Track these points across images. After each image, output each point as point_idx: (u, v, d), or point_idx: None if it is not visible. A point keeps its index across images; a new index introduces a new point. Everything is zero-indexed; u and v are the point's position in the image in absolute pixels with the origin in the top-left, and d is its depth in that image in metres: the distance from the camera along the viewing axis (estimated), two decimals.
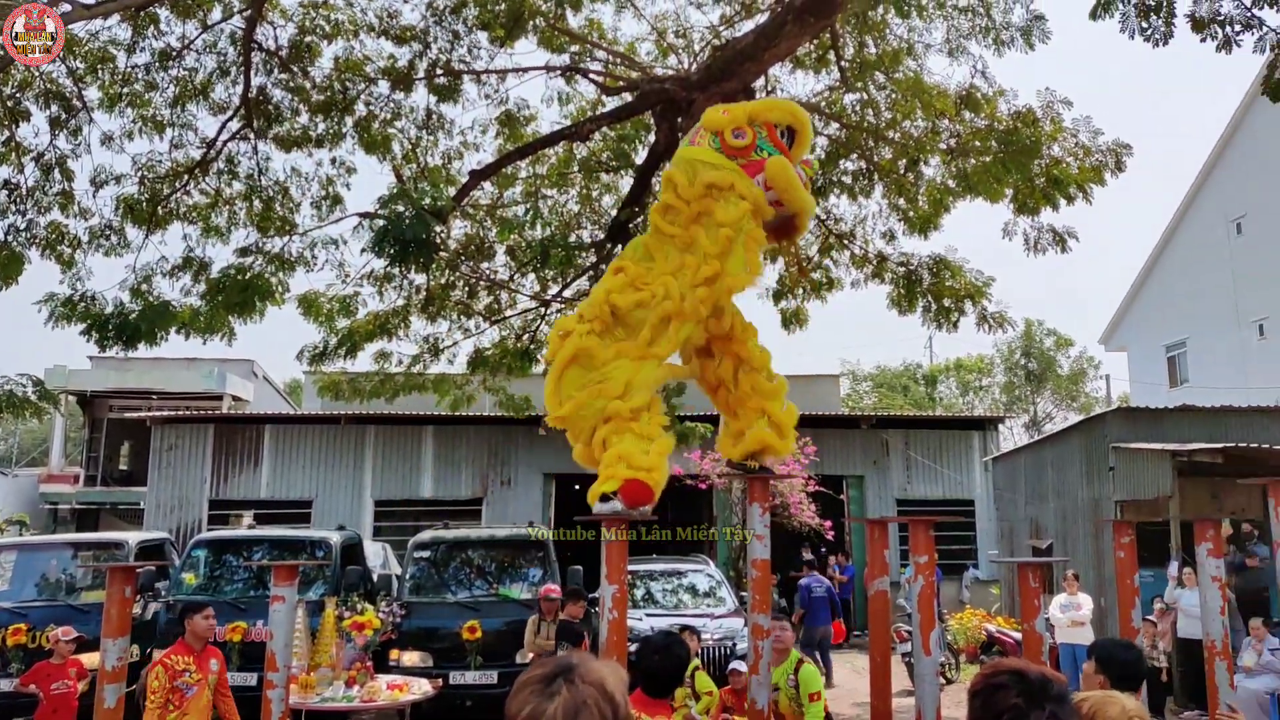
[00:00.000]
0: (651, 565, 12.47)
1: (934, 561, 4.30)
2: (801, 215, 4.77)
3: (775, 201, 4.55)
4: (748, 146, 4.53)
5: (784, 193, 4.49)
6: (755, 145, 4.56)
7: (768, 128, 4.63)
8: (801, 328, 11.34)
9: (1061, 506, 14.00)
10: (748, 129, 4.58)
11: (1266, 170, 23.05)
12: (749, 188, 4.46)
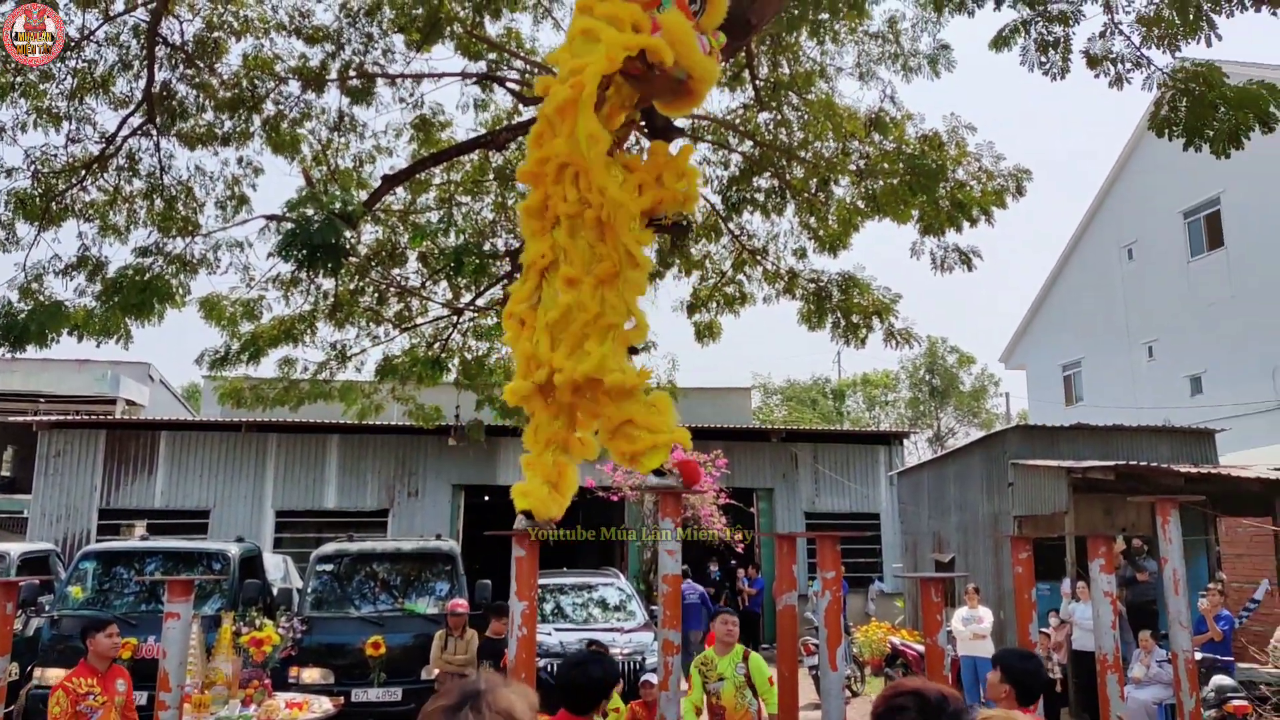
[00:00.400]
0: (561, 579, 12.37)
1: (840, 576, 4.36)
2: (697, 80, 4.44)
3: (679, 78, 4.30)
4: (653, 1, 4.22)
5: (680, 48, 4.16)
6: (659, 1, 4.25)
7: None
8: (714, 340, 11.46)
9: (963, 521, 14.43)
10: None
11: (1155, 200, 24.32)
12: (641, 19, 4.13)
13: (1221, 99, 6.38)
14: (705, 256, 11.45)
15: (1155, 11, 7.10)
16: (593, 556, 19.90)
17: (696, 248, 11.29)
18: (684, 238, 10.11)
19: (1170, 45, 7.04)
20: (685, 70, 4.31)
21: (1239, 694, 8.64)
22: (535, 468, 4.39)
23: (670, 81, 4.41)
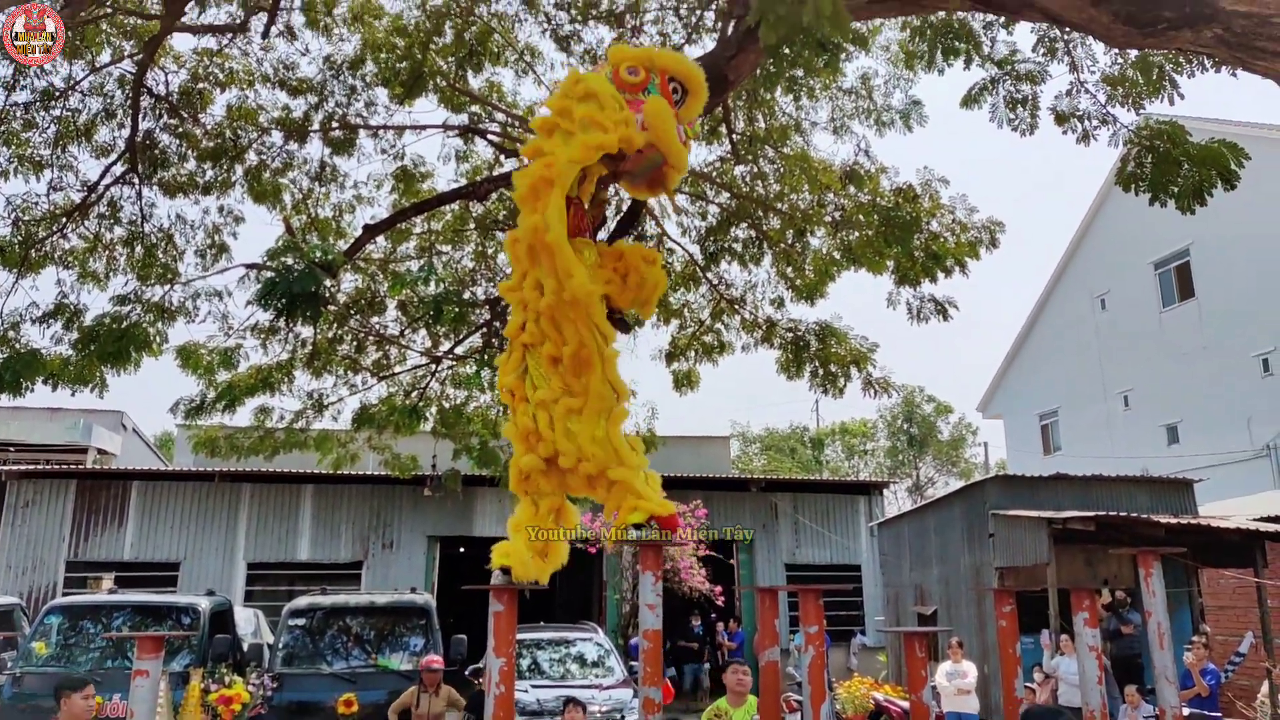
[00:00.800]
0: (538, 634, 12.18)
1: (824, 631, 4.32)
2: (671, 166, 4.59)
3: (650, 145, 4.40)
4: (639, 85, 4.44)
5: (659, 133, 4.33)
6: (645, 87, 4.46)
7: (661, 75, 4.52)
8: (693, 389, 11.47)
9: (945, 572, 14.37)
10: (642, 69, 4.47)
11: (1126, 251, 24.76)
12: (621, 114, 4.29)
13: (1185, 156, 6.52)
14: (684, 305, 11.51)
15: (1120, 71, 7.31)
16: (571, 610, 19.64)
17: (675, 297, 11.36)
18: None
19: (1135, 103, 7.24)
20: (662, 156, 4.45)
21: None
22: (523, 534, 4.43)
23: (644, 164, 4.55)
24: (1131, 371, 24.71)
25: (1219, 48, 4.27)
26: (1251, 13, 4.01)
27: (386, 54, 9.03)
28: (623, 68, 4.45)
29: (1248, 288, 22.15)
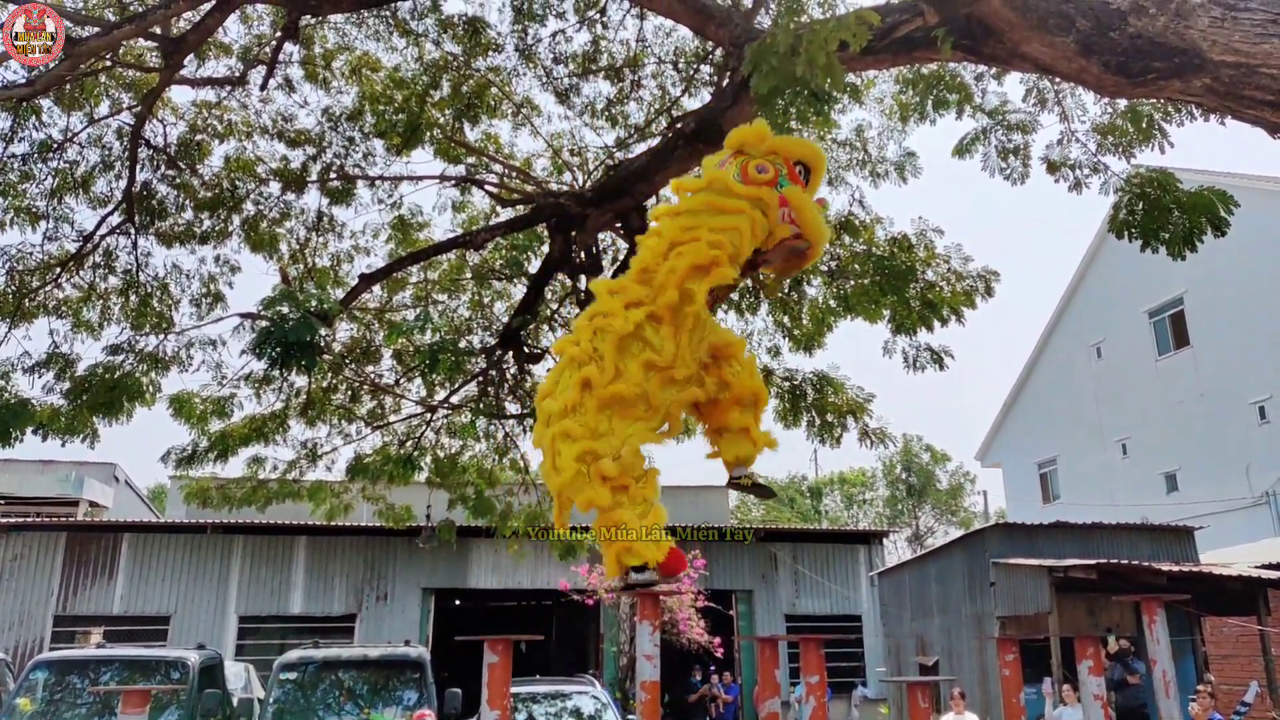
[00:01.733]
0: (534, 687, 11.93)
1: (825, 681, 4.23)
2: (817, 245, 4.86)
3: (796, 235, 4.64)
4: (770, 181, 4.64)
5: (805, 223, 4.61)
6: (776, 181, 4.67)
7: (787, 163, 4.75)
8: (689, 437, 11.39)
9: (946, 622, 14.20)
10: (770, 166, 4.69)
11: (1120, 299, 24.89)
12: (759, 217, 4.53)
13: (1176, 203, 6.58)
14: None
15: (1110, 120, 7.40)
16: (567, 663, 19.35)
17: None
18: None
19: (1125, 152, 7.32)
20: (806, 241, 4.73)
21: None
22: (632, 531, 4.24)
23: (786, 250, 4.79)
24: (1129, 419, 24.68)
25: (1208, 97, 4.32)
26: (1239, 63, 4.07)
27: (384, 106, 9.14)
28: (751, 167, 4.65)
29: (1242, 336, 22.23)
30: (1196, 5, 4.15)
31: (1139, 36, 4.22)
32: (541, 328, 10.93)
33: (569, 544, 11.46)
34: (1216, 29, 4.09)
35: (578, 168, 10.16)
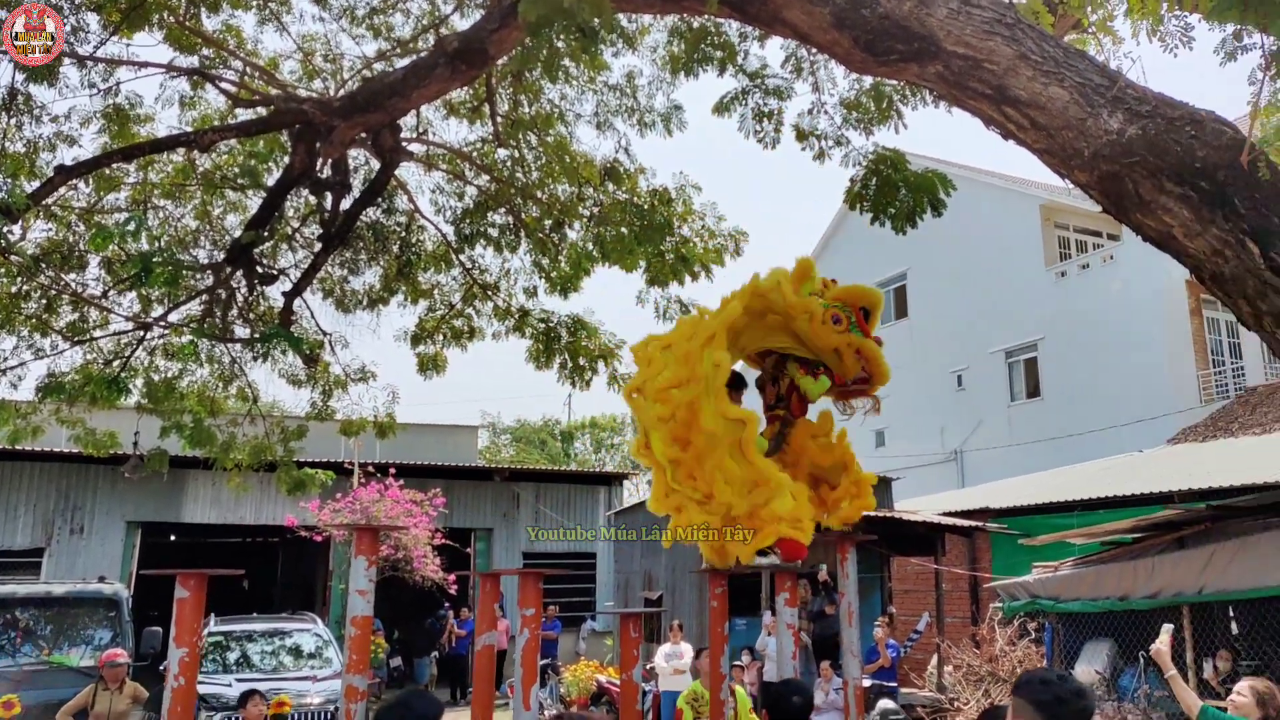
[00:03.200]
0: (250, 625, 11.37)
1: (540, 615, 4.29)
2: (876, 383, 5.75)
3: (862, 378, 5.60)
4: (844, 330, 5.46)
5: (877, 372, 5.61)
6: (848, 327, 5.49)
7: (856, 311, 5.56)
8: (439, 373, 11.15)
9: (673, 559, 14.96)
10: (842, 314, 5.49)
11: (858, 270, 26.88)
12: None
13: (904, 182, 7.12)
14: (434, 287, 11.15)
15: (855, 97, 7.86)
16: (292, 601, 18.61)
17: (425, 277, 10.99)
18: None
19: (866, 129, 7.82)
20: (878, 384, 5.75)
21: (899, 715, 9.50)
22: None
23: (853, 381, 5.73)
24: None
25: (939, 84, 4.61)
26: (968, 55, 4.36)
27: None
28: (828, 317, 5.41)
29: (951, 312, 24.88)
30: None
31: (887, 17, 4.43)
32: (280, 246, 10.19)
33: (298, 480, 10.85)
34: (952, 20, 4.36)
35: (330, 75, 9.46)
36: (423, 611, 18.23)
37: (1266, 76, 4.23)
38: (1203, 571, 7.57)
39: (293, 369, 10.59)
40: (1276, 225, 3.92)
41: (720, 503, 4.66)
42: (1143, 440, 18.67)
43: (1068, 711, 2.36)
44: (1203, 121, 4.09)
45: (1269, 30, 3.94)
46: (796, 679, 4.21)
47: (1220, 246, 4.00)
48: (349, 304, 10.88)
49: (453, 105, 9.97)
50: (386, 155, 7.82)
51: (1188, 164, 4.00)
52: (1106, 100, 4.16)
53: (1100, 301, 21.28)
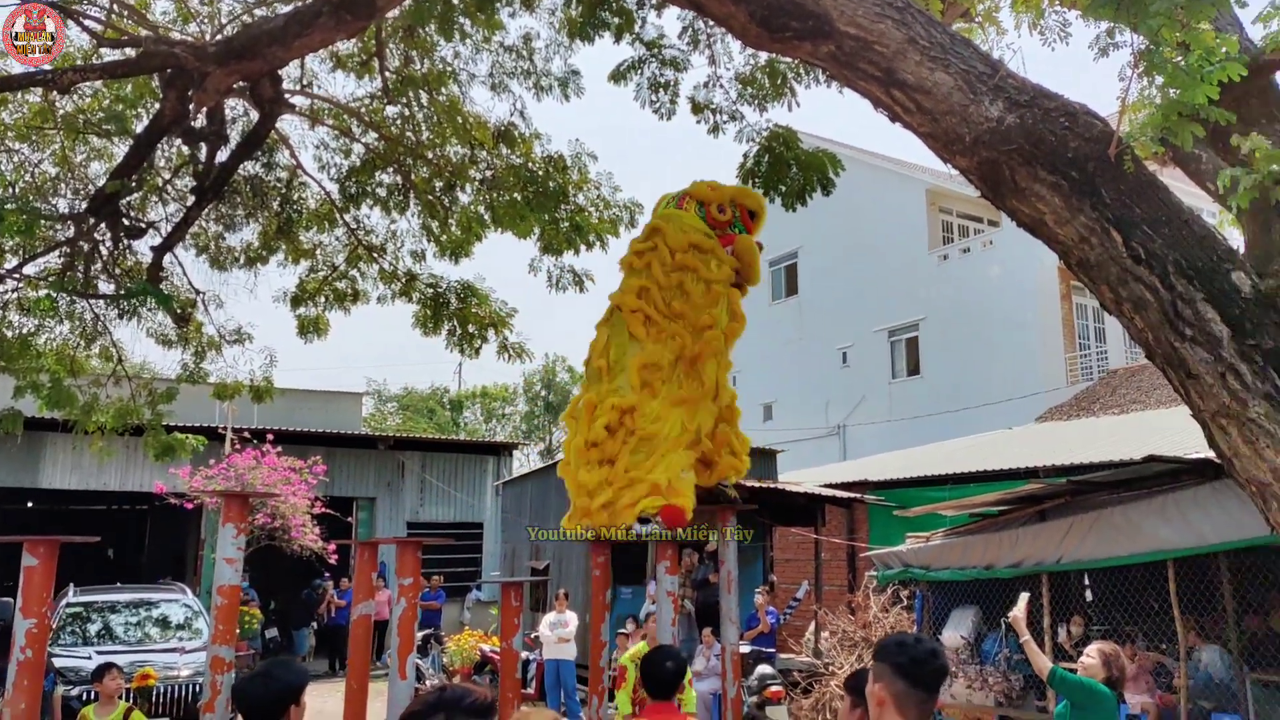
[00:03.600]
0: (113, 595, 10.86)
1: (419, 585, 4.21)
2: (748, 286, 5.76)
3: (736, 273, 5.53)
4: (727, 221, 5.56)
5: (748, 268, 5.57)
6: (732, 221, 5.58)
7: (741, 210, 5.65)
8: (321, 337, 10.78)
9: (561, 529, 14.96)
10: (729, 207, 5.58)
11: None
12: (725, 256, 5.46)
13: (795, 160, 7.23)
14: (316, 246, 10.75)
15: (751, 73, 7.91)
16: (161, 570, 17.89)
17: (307, 236, 10.58)
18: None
19: (760, 105, 7.88)
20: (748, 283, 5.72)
21: (776, 680, 9.79)
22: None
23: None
24: (742, 355, 27.32)
25: (832, 63, 4.66)
26: (859, 36, 4.42)
27: None
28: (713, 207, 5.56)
29: (839, 290, 25.54)
30: None
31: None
32: (149, 198, 9.63)
33: (166, 445, 10.34)
34: (845, 1, 4.41)
35: (207, 19, 8.95)
36: (301, 581, 17.78)
37: (1135, 74, 4.43)
38: (1061, 542, 8.02)
39: (162, 328, 10.09)
40: (1138, 216, 4.14)
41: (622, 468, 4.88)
42: (1013, 418, 19.63)
43: (924, 672, 2.48)
44: (1076, 114, 4.27)
45: (1138, 29, 4.14)
46: (670, 646, 4.26)
47: (1087, 234, 4.20)
48: (224, 261, 10.40)
49: (340, 58, 9.59)
50: (266, 106, 7.46)
51: (1061, 154, 4.17)
52: (988, 88, 4.29)
53: (979, 285, 22.21)
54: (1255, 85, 5.38)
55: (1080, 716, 4.83)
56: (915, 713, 2.46)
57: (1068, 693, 4.95)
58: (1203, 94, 4.06)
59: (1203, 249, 4.11)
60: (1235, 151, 5.32)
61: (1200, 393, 4.09)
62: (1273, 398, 3.88)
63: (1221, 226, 7.34)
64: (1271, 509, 3.97)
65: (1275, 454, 3.86)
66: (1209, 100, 4.09)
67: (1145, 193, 4.20)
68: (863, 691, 2.78)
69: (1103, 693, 4.81)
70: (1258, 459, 3.92)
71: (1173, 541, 7.12)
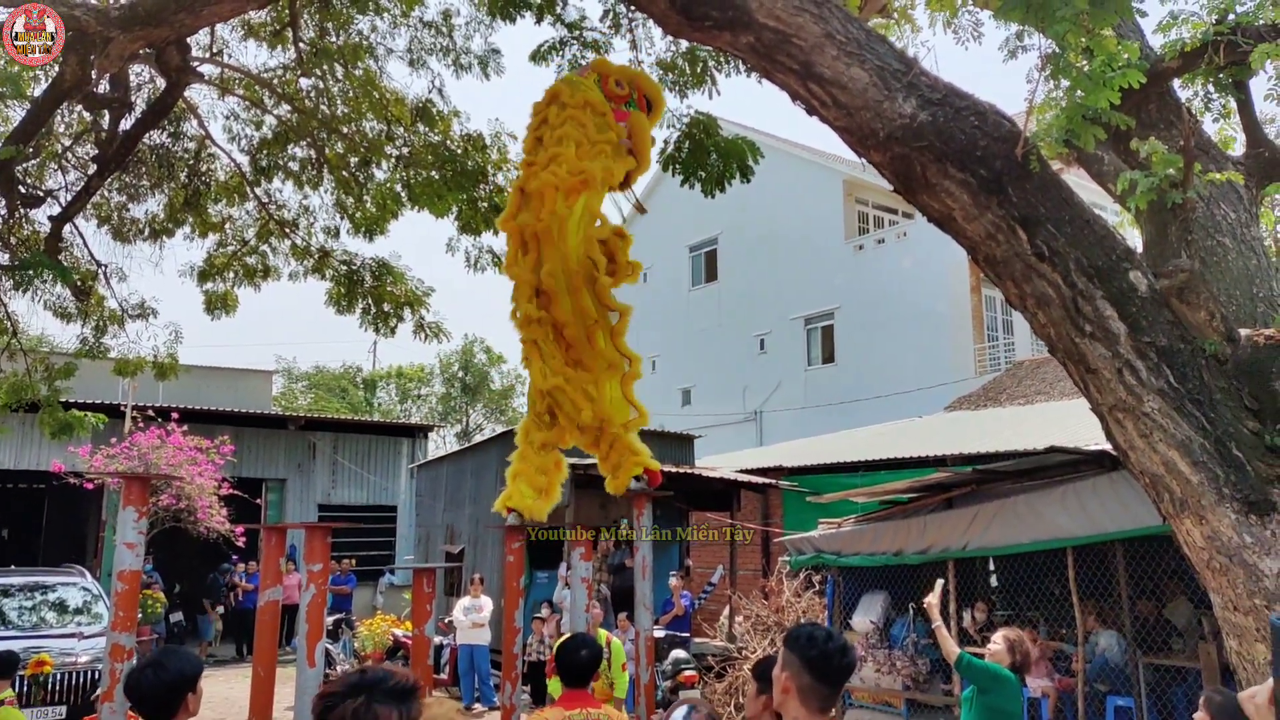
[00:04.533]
0: (6, 578, 10.41)
1: (328, 571, 4.14)
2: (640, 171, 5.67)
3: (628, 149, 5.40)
4: (623, 97, 5.44)
5: (640, 145, 5.47)
6: (628, 99, 5.47)
7: (639, 92, 5.57)
8: (229, 313, 10.46)
9: (476, 512, 14.87)
10: (627, 85, 5.49)
11: (670, 232, 27.50)
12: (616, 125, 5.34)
13: (715, 147, 7.28)
14: (225, 220, 10.41)
15: (672, 59, 7.92)
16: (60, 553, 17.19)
17: (216, 210, 10.24)
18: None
19: (681, 92, 7.90)
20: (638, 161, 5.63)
21: (690, 665, 9.92)
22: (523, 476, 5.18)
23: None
24: (661, 340, 27.62)
25: (751, 54, 4.69)
26: (779, 29, 4.45)
27: None
28: (611, 80, 5.46)
29: (758, 277, 25.85)
30: None
31: None
32: (48, 166, 9.19)
33: (64, 422, 9.92)
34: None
35: None
36: (208, 564, 17.29)
37: (1042, 76, 4.59)
38: (967, 529, 8.26)
39: (61, 301, 9.66)
40: (1043, 214, 4.30)
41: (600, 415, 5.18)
42: (923, 407, 20.21)
43: (831, 667, 2.52)
44: (985, 113, 4.40)
45: (1046, 33, 4.28)
46: (585, 634, 4.28)
47: (994, 231, 4.34)
48: (128, 233, 10.00)
49: (252, 26, 9.28)
50: (173, 74, 7.17)
51: (970, 152, 4.29)
52: (902, 85, 4.38)
53: (892, 275, 22.75)
54: (1154, 91, 5.64)
55: (985, 700, 5.03)
56: (817, 705, 2.50)
57: (974, 677, 5.13)
58: (1105, 98, 4.23)
59: (1103, 248, 4.29)
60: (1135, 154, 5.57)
61: (1099, 387, 4.27)
62: (1166, 393, 4.08)
63: (1121, 226, 7.70)
64: (1163, 500, 4.16)
65: (1167, 448, 4.05)
66: (1110, 105, 4.27)
67: (1050, 192, 4.35)
68: (768, 678, 2.82)
69: (1007, 677, 5.02)
70: (1151, 452, 4.12)
71: (1072, 530, 7.37)
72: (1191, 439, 4.00)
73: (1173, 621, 7.60)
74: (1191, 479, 3.99)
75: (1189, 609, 7.51)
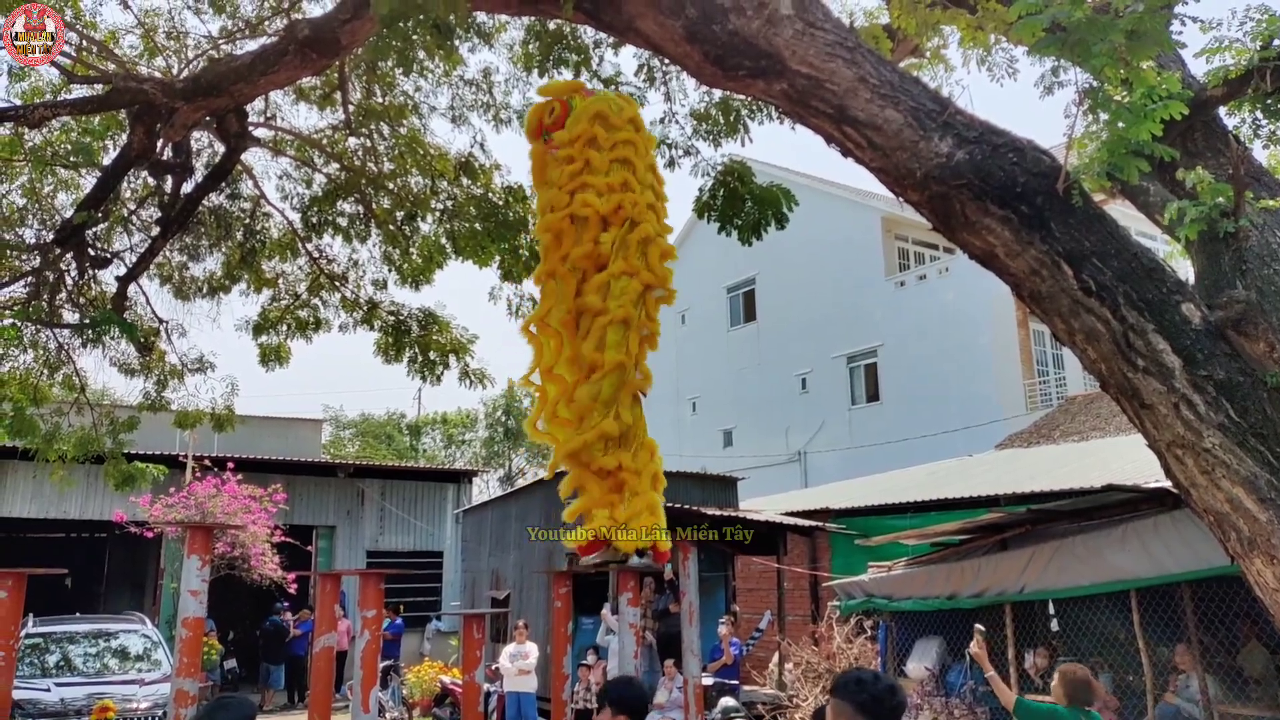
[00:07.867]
0: (72, 626, 10.65)
1: (381, 617, 4.22)
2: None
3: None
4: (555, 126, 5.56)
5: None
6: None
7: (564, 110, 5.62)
8: (282, 365, 10.73)
9: (521, 557, 14.91)
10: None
11: (707, 273, 27.64)
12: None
13: (749, 194, 7.37)
14: (278, 276, 10.73)
15: (705, 109, 8.07)
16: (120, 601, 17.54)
17: (269, 265, 10.56)
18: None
19: (715, 140, 8.03)
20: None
21: (739, 713, 9.78)
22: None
23: None
24: (701, 381, 27.62)
25: (784, 101, 4.78)
26: (811, 75, 4.55)
27: None
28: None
29: (798, 316, 25.82)
30: (784, 16, 4.54)
31: (736, 34, 4.55)
32: (115, 229, 9.58)
33: (127, 474, 10.21)
34: (797, 41, 4.52)
35: (174, 54, 8.95)
36: (258, 611, 17.49)
37: (1080, 110, 4.61)
38: (1023, 572, 8.01)
39: (125, 357, 10.02)
40: (1088, 249, 4.28)
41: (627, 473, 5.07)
42: (973, 445, 19.88)
43: (883, 709, 2.53)
44: (1024, 149, 4.43)
45: (1083, 67, 4.31)
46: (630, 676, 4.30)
47: (1038, 267, 4.33)
48: (188, 291, 10.36)
49: (303, 90, 9.64)
50: (231, 140, 7.48)
51: (1010, 188, 4.31)
52: (937, 125, 4.43)
53: (936, 311, 22.58)
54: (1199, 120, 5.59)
55: None
56: None
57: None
58: (1146, 131, 4.20)
59: (1152, 281, 4.22)
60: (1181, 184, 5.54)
61: (1155, 423, 4.17)
62: (1227, 428, 3.94)
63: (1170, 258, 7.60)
64: (1230, 539, 4.01)
65: (1231, 484, 3.91)
66: (1152, 136, 4.25)
67: (1094, 226, 4.33)
68: None
69: (1065, 715, 4.92)
70: (1214, 489, 3.97)
71: (1134, 571, 7.12)
72: (1257, 475, 3.85)
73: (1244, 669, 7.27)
74: (1259, 516, 3.83)
75: (1264, 655, 7.17)
